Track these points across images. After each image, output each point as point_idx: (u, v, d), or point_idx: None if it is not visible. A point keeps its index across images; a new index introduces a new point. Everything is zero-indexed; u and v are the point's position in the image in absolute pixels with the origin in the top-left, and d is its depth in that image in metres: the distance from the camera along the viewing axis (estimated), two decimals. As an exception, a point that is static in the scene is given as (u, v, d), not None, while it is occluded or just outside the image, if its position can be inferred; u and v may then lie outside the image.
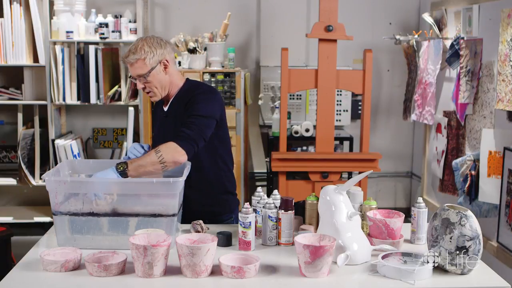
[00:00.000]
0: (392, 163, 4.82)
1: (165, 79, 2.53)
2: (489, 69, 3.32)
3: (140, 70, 2.47)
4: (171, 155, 2.33)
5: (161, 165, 2.32)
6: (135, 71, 2.49)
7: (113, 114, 4.57)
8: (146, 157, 2.34)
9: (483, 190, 3.21)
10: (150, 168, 2.32)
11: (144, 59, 2.46)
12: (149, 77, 2.48)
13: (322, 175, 3.95)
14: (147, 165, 2.32)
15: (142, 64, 2.46)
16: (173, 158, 2.34)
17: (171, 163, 2.34)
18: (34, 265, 2.06)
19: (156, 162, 2.31)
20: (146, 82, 2.50)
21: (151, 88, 2.52)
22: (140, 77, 2.49)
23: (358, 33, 4.29)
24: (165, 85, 2.54)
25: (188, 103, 2.50)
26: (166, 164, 2.33)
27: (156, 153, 2.32)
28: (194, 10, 4.56)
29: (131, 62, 2.47)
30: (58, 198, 2.20)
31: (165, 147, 2.35)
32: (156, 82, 2.51)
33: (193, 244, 2.00)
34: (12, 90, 4.22)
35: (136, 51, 2.46)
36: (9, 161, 4.40)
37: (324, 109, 3.96)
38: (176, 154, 2.34)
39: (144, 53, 2.46)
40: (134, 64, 2.47)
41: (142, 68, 2.47)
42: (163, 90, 2.55)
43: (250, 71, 4.58)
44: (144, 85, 2.51)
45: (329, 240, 2.02)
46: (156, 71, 2.49)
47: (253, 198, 2.37)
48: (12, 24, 4.02)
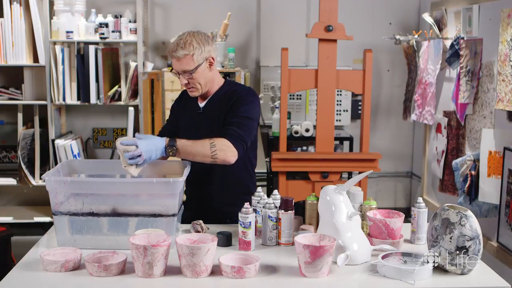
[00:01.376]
0: (392, 163, 4.82)
1: (209, 76, 2.52)
2: (489, 69, 3.32)
3: (186, 65, 2.44)
4: (224, 153, 2.34)
5: (211, 159, 2.33)
6: (181, 66, 2.45)
7: (113, 114, 4.58)
8: (198, 146, 2.33)
9: (483, 190, 3.21)
10: (199, 158, 2.34)
11: (192, 55, 2.43)
12: (194, 74, 2.46)
13: (322, 175, 3.95)
14: (197, 155, 2.33)
15: (189, 60, 2.43)
16: (225, 156, 2.35)
17: (221, 161, 2.35)
18: (34, 265, 2.06)
19: (208, 155, 2.32)
20: (191, 78, 2.47)
21: (195, 84, 2.49)
22: (186, 73, 2.46)
23: (358, 33, 4.28)
24: (208, 82, 2.53)
25: (234, 103, 2.49)
26: (216, 160, 2.34)
27: (211, 147, 2.32)
28: (194, 10, 4.56)
29: (178, 57, 2.43)
30: (58, 198, 2.20)
31: (220, 143, 2.34)
32: (201, 79, 2.49)
33: (193, 244, 2.00)
34: (12, 90, 4.22)
35: (185, 46, 2.42)
36: (9, 161, 4.40)
37: (324, 109, 3.96)
38: (229, 153, 2.35)
39: (193, 49, 2.43)
40: (182, 59, 2.43)
41: (189, 64, 2.44)
42: (205, 87, 2.53)
43: (250, 71, 4.58)
44: (187, 80, 2.48)
45: (329, 240, 2.02)
46: (202, 68, 2.47)
47: (253, 198, 2.37)
48: (12, 24, 4.02)
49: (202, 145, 2.33)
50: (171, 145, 2.30)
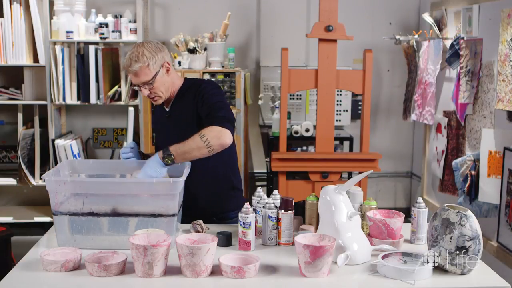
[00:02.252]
0: (392, 163, 4.82)
1: (168, 81, 2.52)
2: (489, 69, 3.32)
3: (144, 77, 2.44)
4: (217, 138, 2.32)
5: (207, 149, 2.31)
6: (139, 79, 2.45)
7: (113, 114, 4.58)
8: (190, 143, 2.32)
9: (483, 190, 3.21)
10: (197, 153, 2.32)
11: (148, 65, 2.42)
12: (154, 83, 2.46)
13: (322, 175, 3.95)
14: (193, 151, 2.31)
15: (146, 71, 2.43)
16: (219, 140, 2.32)
17: (218, 145, 2.33)
18: (34, 265, 2.06)
19: (203, 147, 2.30)
20: (151, 88, 2.48)
21: (157, 93, 2.50)
22: (145, 84, 2.46)
23: (358, 33, 4.29)
24: (168, 87, 2.54)
25: (198, 96, 2.49)
26: (213, 147, 2.32)
27: (201, 138, 2.30)
28: (194, 10, 4.56)
29: (135, 71, 2.43)
30: (58, 198, 2.20)
31: (209, 131, 2.32)
32: (161, 86, 2.49)
33: (193, 244, 2.00)
34: (12, 90, 4.22)
35: (138, 59, 2.42)
36: (9, 161, 4.40)
37: (324, 109, 3.96)
38: (222, 136, 2.33)
39: (147, 59, 2.42)
40: (138, 72, 2.43)
41: (147, 74, 2.44)
42: (167, 92, 2.54)
43: (250, 71, 4.58)
44: (149, 91, 2.49)
45: (329, 240, 2.02)
46: (159, 76, 2.47)
47: (253, 198, 2.37)
48: (12, 24, 4.02)
49: (193, 141, 2.32)
50: (166, 155, 2.30)
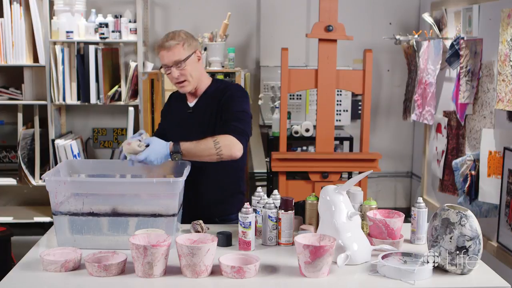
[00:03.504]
0: (392, 163, 4.82)
1: (198, 70, 2.55)
2: (489, 69, 3.32)
3: (178, 55, 2.46)
4: (229, 148, 2.35)
5: (217, 156, 2.35)
6: (172, 57, 2.47)
7: (113, 114, 4.57)
8: (202, 145, 2.34)
9: (483, 190, 3.21)
10: (206, 158, 2.35)
11: (183, 44, 2.46)
12: (186, 65, 2.47)
13: (322, 175, 3.95)
14: (203, 155, 2.34)
15: (180, 49, 2.46)
16: (231, 152, 2.36)
17: (227, 156, 2.36)
18: (34, 265, 2.06)
19: (213, 153, 2.34)
20: (182, 70, 2.48)
21: (186, 76, 2.50)
22: (178, 64, 2.47)
23: (358, 33, 4.29)
24: (198, 76, 2.55)
25: (224, 99, 2.51)
26: (222, 157, 2.35)
27: (215, 144, 2.33)
28: (194, 10, 4.56)
29: (170, 47, 2.45)
30: (58, 198, 2.20)
31: (224, 139, 2.35)
32: (192, 71, 2.51)
33: (193, 244, 2.00)
34: (12, 90, 4.22)
35: (175, 37, 2.47)
36: (9, 161, 4.40)
37: (324, 109, 3.96)
38: (234, 148, 2.36)
39: (182, 39, 2.47)
40: (173, 49, 2.46)
41: (181, 53, 2.47)
42: (195, 81, 2.55)
43: (250, 71, 4.58)
44: (179, 72, 2.49)
45: (329, 240, 2.02)
46: (192, 59, 2.49)
47: (253, 198, 2.38)
48: (12, 24, 4.02)
49: (205, 144, 2.34)
50: (175, 152, 2.31)
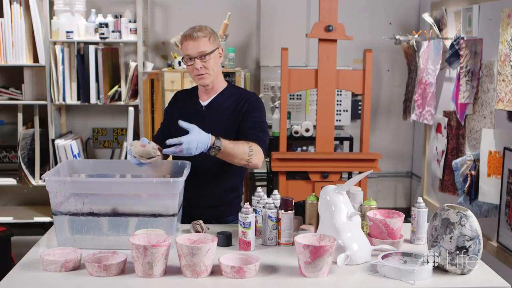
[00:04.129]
0: (392, 163, 4.82)
1: (219, 66, 2.58)
2: (489, 69, 3.32)
3: (204, 47, 2.48)
4: (258, 159, 2.42)
5: (246, 162, 2.39)
6: (198, 47, 2.48)
7: (113, 114, 4.57)
8: (239, 147, 2.37)
9: (483, 190, 3.21)
10: (236, 160, 2.38)
11: (209, 37, 2.50)
12: (210, 58, 2.50)
13: (322, 175, 3.95)
14: (236, 157, 2.37)
15: (206, 42, 2.49)
16: (258, 162, 2.42)
17: (253, 165, 2.42)
18: (34, 265, 2.06)
19: (245, 159, 2.38)
20: (205, 62, 2.50)
21: (208, 70, 2.52)
22: (202, 55, 2.48)
23: (358, 33, 4.29)
24: (218, 71, 2.58)
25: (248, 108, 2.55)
26: (249, 164, 2.41)
27: (249, 151, 2.38)
28: (194, 10, 4.55)
29: (197, 37, 2.47)
30: (58, 198, 2.20)
31: (256, 149, 2.41)
32: (214, 65, 2.53)
33: (193, 244, 2.00)
34: (12, 90, 4.22)
35: (202, 30, 2.50)
36: (9, 161, 4.40)
37: (324, 109, 3.96)
38: (260, 160, 2.44)
39: (209, 33, 2.51)
40: (199, 40, 2.47)
41: (206, 46, 2.49)
42: (215, 76, 2.56)
43: (250, 71, 4.58)
44: (202, 64, 2.50)
45: (329, 240, 2.02)
46: (215, 54, 2.53)
47: (253, 198, 2.38)
48: (12, 24, 4.03)
49: (242, 148, 2.37)
50: (216, 146, 2.31)
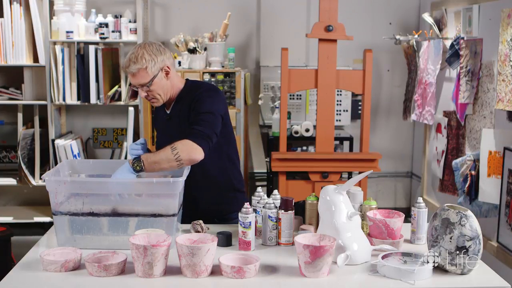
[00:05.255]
0: (392, 163, 4.82)
1: (167, 85, 2.52)
2: (489, 69, 3.32)
3: (142, 79, 2.44)
4: (187, 152, 2.31)
5: (177, 162, 2.30)
6: (136, 80, 2.46)
7: (113, 114, 4.57)
8: (161, 153, 2.31)
9: (483, 190, 3.21)
10: (166, 165, 2.31)
11: (146, 68, 2.42)
12: (151, 86, 2.46)
13: (322, 175, 3.94)
14: (162, 162, 2.30)
15: (144, 73, 2.43)
16: (189, 156, 2.32)
17: (187, 161, 2.32)
18: (34, 265, 2.06)
19: (172, 159, 2.30)
20: (149, 90, 2.48)
21: (154, 95, 2.50)
22: (143, 86, 2.47)
23: (358, 33, 4.29)
24: (167, 90, 2.53)
25: (193, 101, 2.49)
26: (182, 162, 2.31)
27: (172, 151, 2.30)
28: (194, 10, 4.56)
29: (133, 72, 2.43)
30: (58, 198, 2.20)
31: (181, 145, 2.32)
32: (159, 89, 2.49)
33: (193, 244, 2.00)
34: (12, 90, 4.22)
35: (137, 61, 2.42)
36: (9, 161, 4.40)
37: (324, 109, 3.96)
38: (193, 151, 2.32)
39: (146, 61, 2.42)
40: (136, 74, 2.43)
41: (144, 77, 2.44)
42: (165, 96, 2.54)
43: (250, 71, 4.58)
44: (146, 93, 2.49)
45: (329, 240, 2.02)
46: (158, 79, 2.46)
47: (253, 198, 2.38)
48: (12, 24, 4.02)
49: (164, 152, 2.32)
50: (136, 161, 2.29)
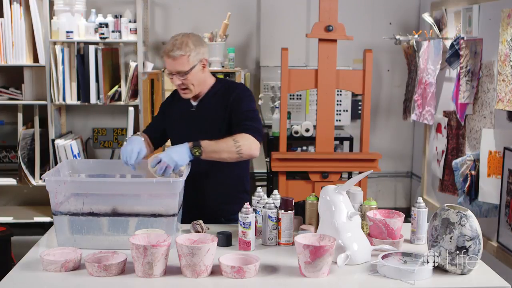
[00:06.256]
0: (392, 163, 4.82)
1: (201, 78, 2.54)
2: (489, 69, 3.32)
3: (181, 66, 2.46)
4: (249, 147, 2.36)
5: (237, 155, 2.35)
6: (175, 66, 2.47)
7: (113, 114, 4.57)
8: (222, 144, 2.34)
9: (483, 190, 3.21)
10: (225, 156, 2.35)
11: (188, 56, 2.45)
12: (188, 75, 2.47)
13: (322, 175, 3.94)
14: (222, 152, 2.34)
15: (185, 61, 2.45)
16: (251, 150, 2.37)
17: (247, 155, 2.37)
18: (34, 265, 2.06)
19: (234, 151, 2.34)
20: (184, 79, 2.49)
21: (188, 85, 2.51)
22: (180, 74, 2.48)
23: (358, 33, 4.29)
24: (200, 83, 2.55)
25: (235, 100, 2.52)
26: (242, 155, 2.35)
27: (235, 143, 2.33)
28: (194, 10, 4.56)
29: (174, 57, 2.44)
30: (58, 198, 2.20)
31: (243, 139, 2.36)
32: (194, 80, 2.51)
33: (193, 244, 2.00)
34: (12, 90, 4.22)
35: (182, 47, 2.44)
36: (9, 161, 4.40)
37: (324, 109, 3.96)
38: (254, 147, 2.38)
39: (189, 50, 2.45)
40: (177, 59, 2.45)
41: (184, 64, 2.46)
42: (198, 88, 2.55)
43: (250, 71, 4.58)
44: (181, 81, 2.50)
45: (329, 240, 2.02)
46: (196, 69, 2.49)
47: (253, 198, 2.38)
48: (12, 24, 4.02)
49: (225, 143, 2.35)
50: (197, 146, 2.30)
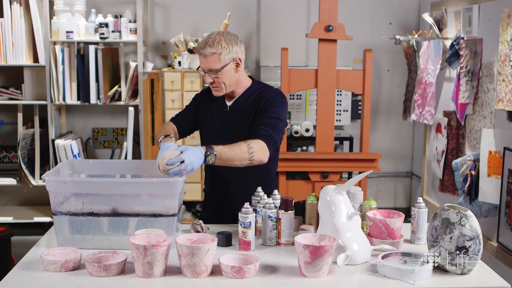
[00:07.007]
0: (392, 163, 4.82)
1: (234, 77, 2.52)
2: (489, 69, 3.32)
3: (213, 64, 2.44)
4: (260, 154, 2.35)
5: (248, 161, 2.33)
6: (207, 64, 2.45)
7: (113, 114, 4.58)
8: (236, 150, 2.31)
9: (483, 190, 3.21)
10: (237, 163, 2.33)
11: (220, 54, 2.43)
12: (220, 73, 2.46)
13: (322, 175, 3.95)
14: (236, 160, 2.31)
15: (216, 59, 2.43)
16: (261, 158, 2.36)
17: (257, 161, 2.36)
18: (34, 265, 2.06)
19: (246, 158, 2.32)
20: (216, 77, 2.47)
21: (219, 83, 2.49)
22: (211, 72, 2.46)
23: (358, 33, 4.29)
24: (232, 82, 2.52)
25: (264, 104, 2.50)
26: (253, 162, 2.34)
27: (248, 149, 2.31)
28: (194, 10, 4.56)
29: (206, 55, 2.43)
30: (58, 198, 2.20)
31: (257, 146, 2.34)
32: (226, 79, 2.49)
33: (193, 244, 2.00)
34: (12, 90, 4.22)
35: (214, 45, 2.42)
36: (9, 161, 4.40)
37: (324, 109, 3.96)
38: (265, 154, 2.37)
39: (221, 48, 2.43)
40: (208, 57, 2.43)
41: (216, 63, 2.44)
42: (230, 87, 2.53)
43: (250, 71, 4.58)
44: (213, 79, 2.48)
45: (329, 240, 2.02)
46: (228, 68, 2.46)
47: (253, 198, 2.38)
48: (12, 24, 4.02)
49: (239, 149, 2.32)
50: (210, 153, 2.26)
